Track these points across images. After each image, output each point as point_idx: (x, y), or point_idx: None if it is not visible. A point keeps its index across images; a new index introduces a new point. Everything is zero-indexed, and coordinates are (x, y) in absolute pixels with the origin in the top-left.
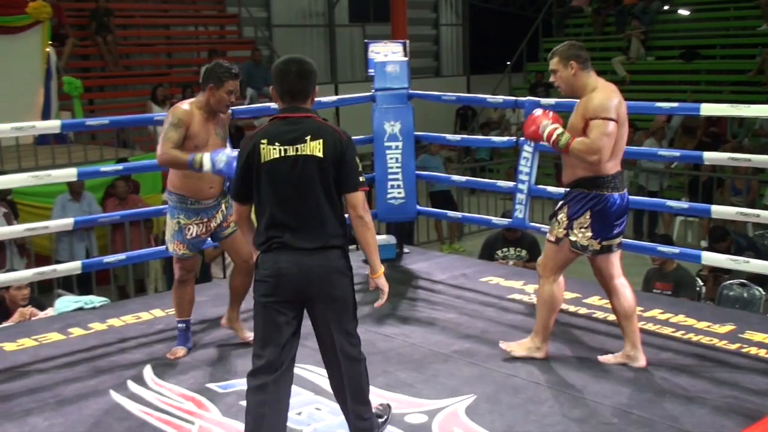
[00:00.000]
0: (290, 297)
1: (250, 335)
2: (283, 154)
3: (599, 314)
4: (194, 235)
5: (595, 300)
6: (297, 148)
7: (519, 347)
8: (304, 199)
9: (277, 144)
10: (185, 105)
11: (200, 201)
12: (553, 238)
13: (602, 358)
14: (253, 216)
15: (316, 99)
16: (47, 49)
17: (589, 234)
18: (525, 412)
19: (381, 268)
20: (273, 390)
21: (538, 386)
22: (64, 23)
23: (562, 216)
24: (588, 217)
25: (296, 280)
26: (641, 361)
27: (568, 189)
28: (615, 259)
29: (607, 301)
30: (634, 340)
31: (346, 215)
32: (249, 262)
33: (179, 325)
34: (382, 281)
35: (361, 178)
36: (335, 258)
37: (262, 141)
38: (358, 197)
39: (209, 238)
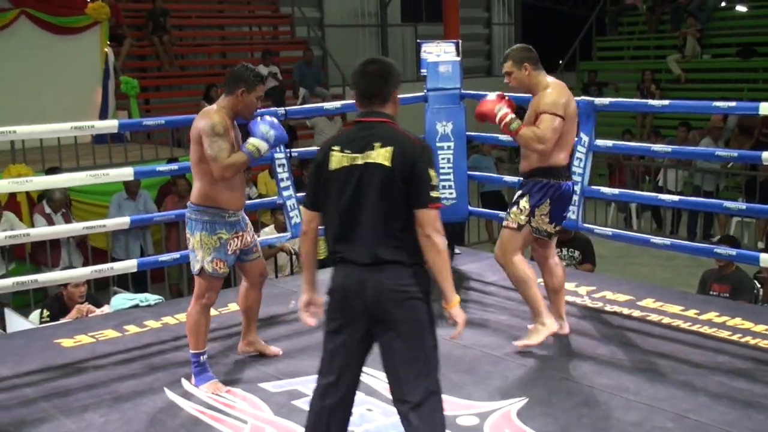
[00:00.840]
0: (351, 313)
1: (276, 349)
2: (350, 163)
3: (653, 317)
4: (235, 249)
5: (649, 303)
6: (365, 156)
7: (533, 336)
8: (365, 210)
9: (347, 151)
10: (217, 114)
11: (236, 213)
12: (514, 225)
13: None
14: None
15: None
16: (105, 50)
17: (547, 220)
18: (578, 416)
19: (455, 298)
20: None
21: (591, 389)
22: (122, 24)
23: (524, 204)
24: (548, 204)
25: (353, 296)
26: (566, 329)
27: (524, 178)
28: (553, 241)
29: (662, 303)
30: (561, 312)
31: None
32: (264, 277)
33: (201, 357)
34: (456, 311)
35: (433, 194)
36: (394, 275)
37: (334, 147)
38: (428, 215)
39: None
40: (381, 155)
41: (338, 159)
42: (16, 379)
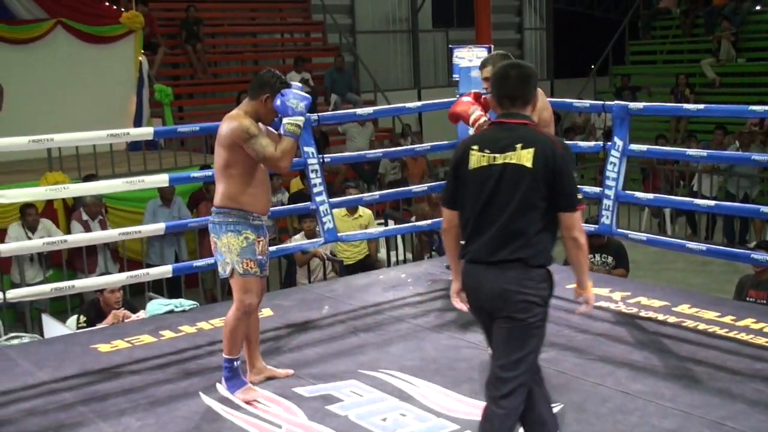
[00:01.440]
0: (476, 307)
1: (288, 370)
2: (491, 162)
3: (689, 323)
4: (263, 251)
5: (684, 308)
6: (505, 156)
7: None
8: (499, 209)
9: (487, 151)
10: (243, 117)
11: (260, 217)
12: None
13: None
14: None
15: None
16: (139, 58)
17: None
18: (613, 422)
19: (590, 284)
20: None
21: (626, 396)
22: (156, 33)
23: None
24: None
25: (475, 292)
26: None
27: None
28: None
29: (697, 309)
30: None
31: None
32: (261, 298)
33: (235, 363)
34: (590, 296)
35: (579, 196)
36: (516, 276)
37: (473, 147)
38: (574, 218)
39: None
40: (523, 156)
41: (477, 158)
42: (55, 383)
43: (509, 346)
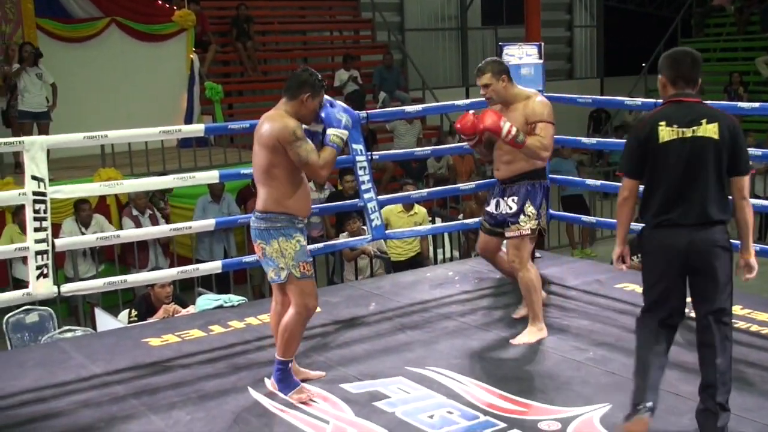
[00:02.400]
0: (674, 269)
1: (320, 373)
2: (680, 135)
3: (741, 324)
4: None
5: (736, 310)
6: (693, 130)
7: (530, 336)
8: (695, 177)
9: (675, 126)
10: (287, 118)
11: (303, 219)
12: (528, 232)
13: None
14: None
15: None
16: (191, 56)
17: (546, 219)
18: (664, 424)
19: (752, 249)
20: (665, 340)
21: (677, 397)
22: (207, 30)
23: (530, 210)
24: (545, 203)
25: (682, 254)
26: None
27: (508, 183)
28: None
29: (750, 310)
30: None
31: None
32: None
33: (289, 365)
34: (753, 261)
35: (750, 163)
36: (718, 233)
37: (661, 123)
38: (745, 180)
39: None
40: (709, 130)
41: (667, 133)
42: (107, 376)
43: (719, 284)
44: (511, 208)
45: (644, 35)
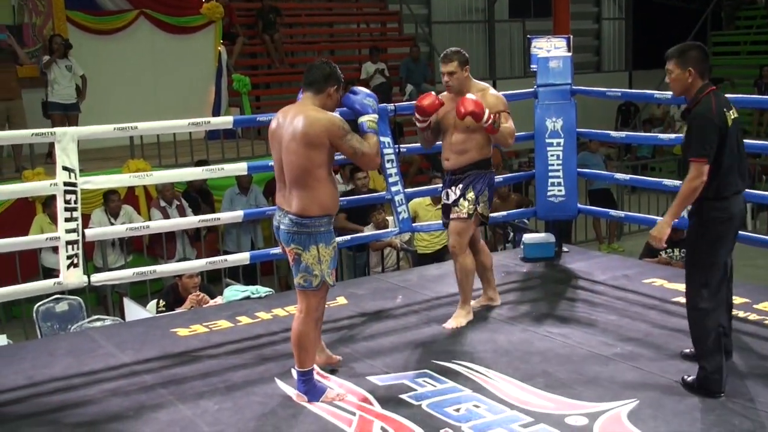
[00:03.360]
0: (738, 226)
1: (337, 357)
2: (733, 117)
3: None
4: None
5: (765, 306)
6: (733, 113)
7: (459, 319)
8: (743, 151)
9: (730, 111)
10: (328, 113)
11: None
12: (465, 215)
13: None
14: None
15: None
16: (219, 48)
17: (488, 206)
18: (691, 420)
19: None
20: (724, 297)
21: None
22: (235, 23)
23: (470, 195)
24: (486, 192)
25: (743, 213)
26: (498, 301)
27: (458, 174)
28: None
29: None
30: (493, 285)
31: None
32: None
33: (311, 374)
34: (663, 230)
35: None
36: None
37: (724, 109)
38: None
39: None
40: (736, 112)
41: (729, 117)
42: (136, 365)
43: None
44: (455, 194)
45: (673, 28)
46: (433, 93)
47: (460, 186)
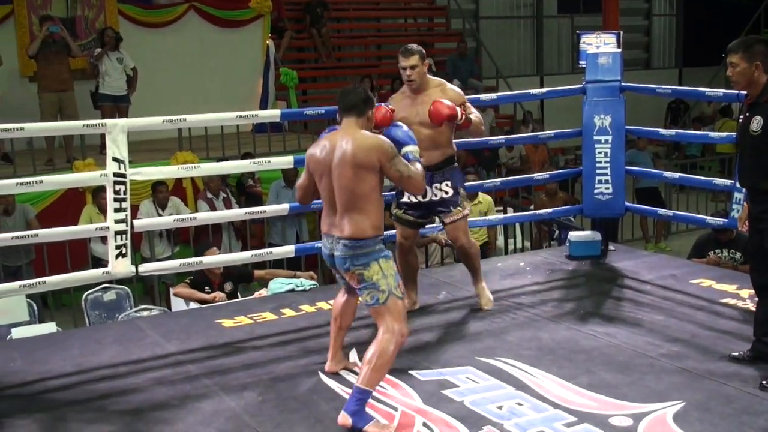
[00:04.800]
0: None
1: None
2: None
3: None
4: None
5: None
6: None
7: (487, 292)
8: None
9: None
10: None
11: None
12: (468, 212)
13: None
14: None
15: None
16: (267, 42)
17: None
18: (739, 424)
19: None
20: None
21: (753, 397)
22: (283, 17)
23: (462, 192)
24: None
25: None
26: (417, 305)
27: (435, 168)
28: None
29: None
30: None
31: None
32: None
33: (369, 397)
34: None
35: None
36: None
37: None
38: None
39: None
40: None
41: None
42: (181, 355)
43: None
44: (447, 193)
45: (725, 25)
46: (382, 105)
47: (448, 183)
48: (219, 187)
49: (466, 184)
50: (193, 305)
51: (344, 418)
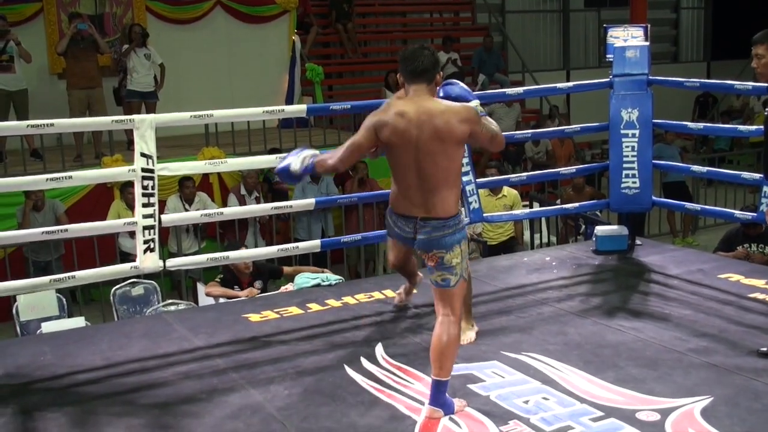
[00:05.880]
0: None
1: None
2: None
3: None
4: None
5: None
6: None
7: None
8: None
9: None
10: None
11: None
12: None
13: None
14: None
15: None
16: (293, 37)
17: None
18: (767, 419)
19: None
20: None
21: None
22: (309, 12)
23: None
24: None
25: None
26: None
27: None
28: None
29: None
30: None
31: None
32: None
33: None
34: None
35: None
36: None
37: None
38: None
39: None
40: None
41: None
42: (208, 349)
43: None
44: None
45: (754, 18)
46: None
47: None
48: (256, 184)
49: (488, 179)
50: (220, 299)
51: (434, 412)
